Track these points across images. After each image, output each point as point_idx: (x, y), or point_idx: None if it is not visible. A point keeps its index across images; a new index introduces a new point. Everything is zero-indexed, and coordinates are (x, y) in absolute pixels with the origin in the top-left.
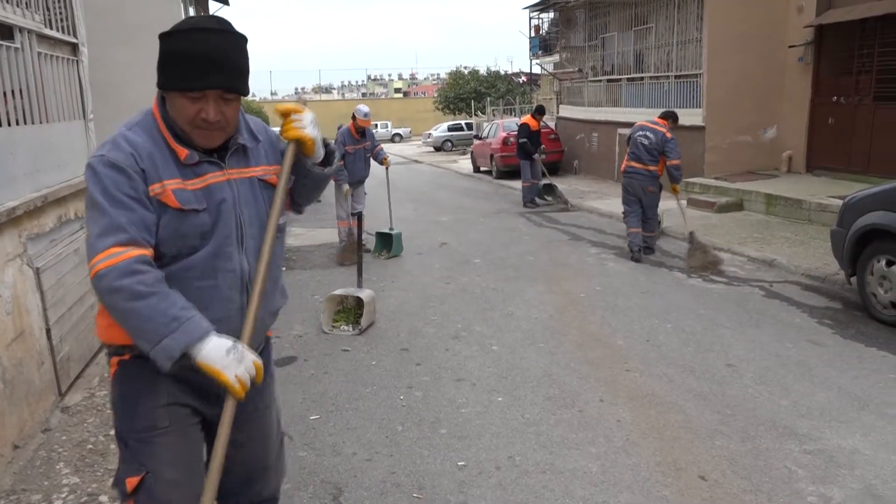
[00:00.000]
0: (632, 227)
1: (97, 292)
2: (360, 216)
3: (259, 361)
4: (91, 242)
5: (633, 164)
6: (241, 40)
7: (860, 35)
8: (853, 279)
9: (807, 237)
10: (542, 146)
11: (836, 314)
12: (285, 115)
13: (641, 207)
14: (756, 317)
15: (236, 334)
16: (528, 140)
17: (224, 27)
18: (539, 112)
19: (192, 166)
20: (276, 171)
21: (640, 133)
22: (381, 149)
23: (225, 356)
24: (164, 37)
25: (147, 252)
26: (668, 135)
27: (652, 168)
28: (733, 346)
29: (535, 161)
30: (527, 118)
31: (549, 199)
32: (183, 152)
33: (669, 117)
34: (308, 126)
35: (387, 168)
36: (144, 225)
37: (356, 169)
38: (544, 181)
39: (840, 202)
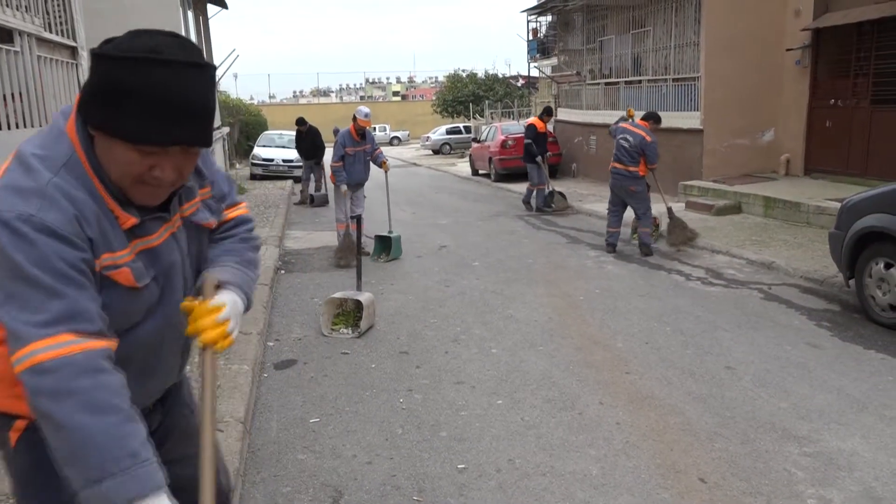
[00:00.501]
0: (611, 226)
1: (30, 391)
2: (359, 219)
3: None
4: (21, 327)
5: (616, 164)
6: (213, 76)
7: (857, 38)
8: (852, 282)
9: (805, 240)
10: (548, 152)
11: (834, 316)
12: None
13: (624, 207)
14: (755, 319)
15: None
16: (534, 142)
17: (195, 58)
18: (546, 114)
19: (134, 229)
20: (209, 196)
21: (621, 136)
22: (381, 152)
23: None
24: (111, 60)
25: (113, 346)
26: (648, 138)
27: (632, 169)
28: (732, 349)
29: (540, 164)
30: (534, 119)
31: (554, 206)
32: (129, 220)
33: (651, 118)
34: (234, 329)
35: (386, 172)
36: (100, 311)
37: (355, 171)
38: (549, 189)
39: (838, 205)
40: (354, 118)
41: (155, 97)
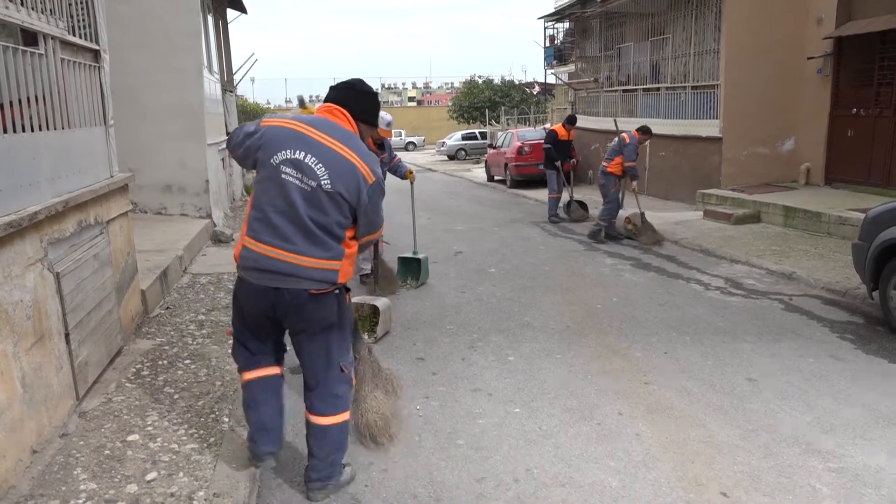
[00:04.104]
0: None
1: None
2: None
3: None
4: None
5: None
6: None
7: (881, 47)
8: (875, 293)
9: (826, 250)
10: (572, 159)
11: (857, 329)
12: None
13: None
14: (776, 330)
15: None
16: (554, 147)
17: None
18: (569, 122)
19: None
20: None
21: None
22: (400, 160)
23: None
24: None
25: None
26: (627, 140)
27: (604, 165)
28: (753, 360)
29: (559, 171)
30: (557, 125)
31: (571, 215)
32: None
33: (640, 130)
34: None
35: (412, 182)
36: None
37: None
38: (569, 198)
39: (860, 215)
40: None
41: None
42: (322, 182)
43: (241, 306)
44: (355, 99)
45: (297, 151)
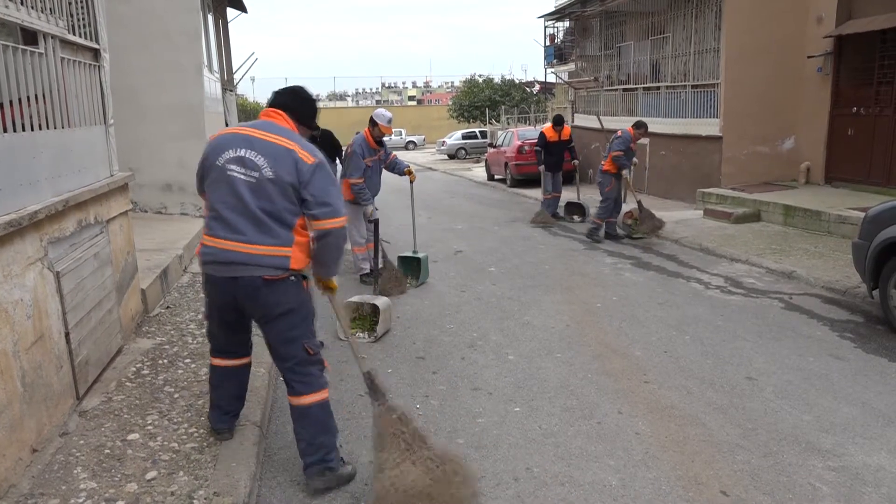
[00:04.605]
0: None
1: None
2: (376, 223)
3: None
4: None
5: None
6: None
7: (881, 46)
8: (875, 292)
9: (826, 249)
10: (576, 160)
11: (857, 328)
12: None
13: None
14: (776, 329)
15: None
16: (545, 150)
17: None
18: (556, 122)
19: None
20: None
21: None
22: (396, 157)
23: None
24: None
25: None
26: (619, 133)
27: (602, 163)
28: (753, 359)
29: (549, 173)
30: (546, 127)
31: (578, 218)
32: None
33: (634, 125)
34: None
35: (412, 181)
36: None
37: (373, 184)
38: (569, 200)
39: (860, 214)
40: (374, 123)
41: None
42: (264, 171)
43: (210, 301)
44: (295, 102)
45: (240, 150)
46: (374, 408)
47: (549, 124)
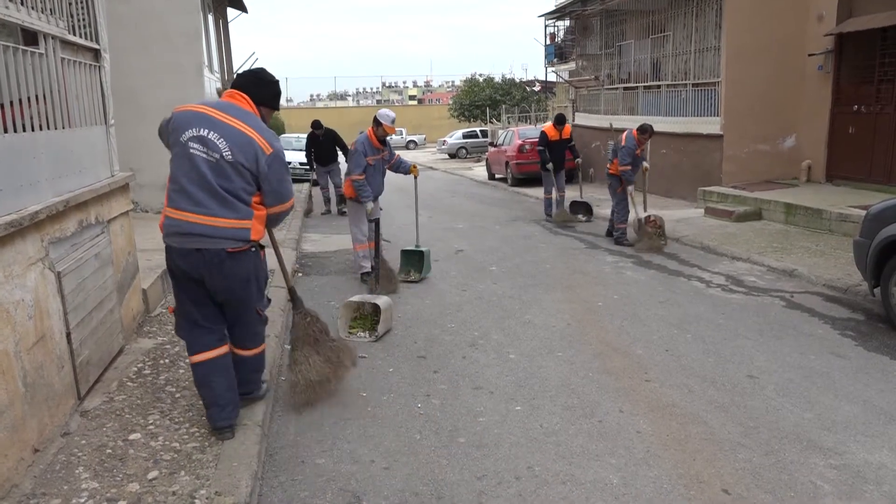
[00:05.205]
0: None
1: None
2: (377, 223)
3: None
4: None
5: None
6: None
7: (881, 44)
8: (877, 290)
9: (827, 247)
10: (578, 159)
11: (858, 326)
12: None
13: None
14: (777, 327)
15: None
16: (546, 149)
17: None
18: (557, 122)
19: None
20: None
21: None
22: (401, 157)
23: None
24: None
25: None
26: (623, 142)
27: (608, 166)
28: (755, 357)
29: (550, 171)
30: (547, 126)
31: (584, 217)
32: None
33: (639, 129)
34: None
35: (416, 177)
36: None
37: (375, 183)
38: (573, 199)
39: (861, 212)
40: (378, 123)
41: None
42: (224, 154)
43: (175, 277)
44: (256, 85)
45: (202, 129)
46: (294, 316)
47: (549, 123)
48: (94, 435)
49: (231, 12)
